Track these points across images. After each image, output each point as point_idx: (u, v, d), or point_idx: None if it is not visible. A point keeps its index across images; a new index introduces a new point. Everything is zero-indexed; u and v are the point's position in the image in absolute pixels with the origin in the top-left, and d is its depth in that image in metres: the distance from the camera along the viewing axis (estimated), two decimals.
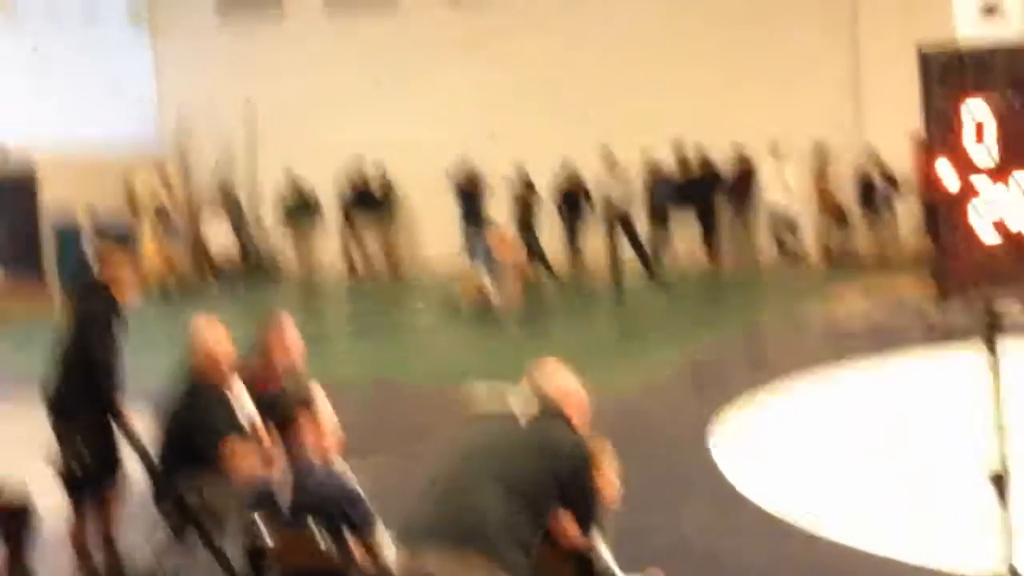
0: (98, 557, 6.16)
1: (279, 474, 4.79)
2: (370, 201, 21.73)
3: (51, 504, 6.00)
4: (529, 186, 19.97)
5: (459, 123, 21.31)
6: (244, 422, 5.82)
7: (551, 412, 4.38)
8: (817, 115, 18.94)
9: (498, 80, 21.28)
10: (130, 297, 6.14)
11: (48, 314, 17.63)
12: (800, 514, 6.69)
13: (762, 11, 19.34)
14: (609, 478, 4.52)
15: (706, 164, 19.35)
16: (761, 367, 11.68)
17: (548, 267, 15.77)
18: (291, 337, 6.30)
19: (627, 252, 18.23)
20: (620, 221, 17.84)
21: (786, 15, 19.16)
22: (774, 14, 19.23)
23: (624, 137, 18.93)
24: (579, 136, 19.98)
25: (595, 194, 19.08)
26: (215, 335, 5.84)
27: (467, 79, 21.44)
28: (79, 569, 6.09)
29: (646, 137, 18.85)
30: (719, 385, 10.90)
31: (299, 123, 22.32)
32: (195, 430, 5.65)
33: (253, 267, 22.24)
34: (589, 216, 19.41)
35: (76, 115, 21.82)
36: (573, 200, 19.60)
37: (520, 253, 16.05)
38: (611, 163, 18.34)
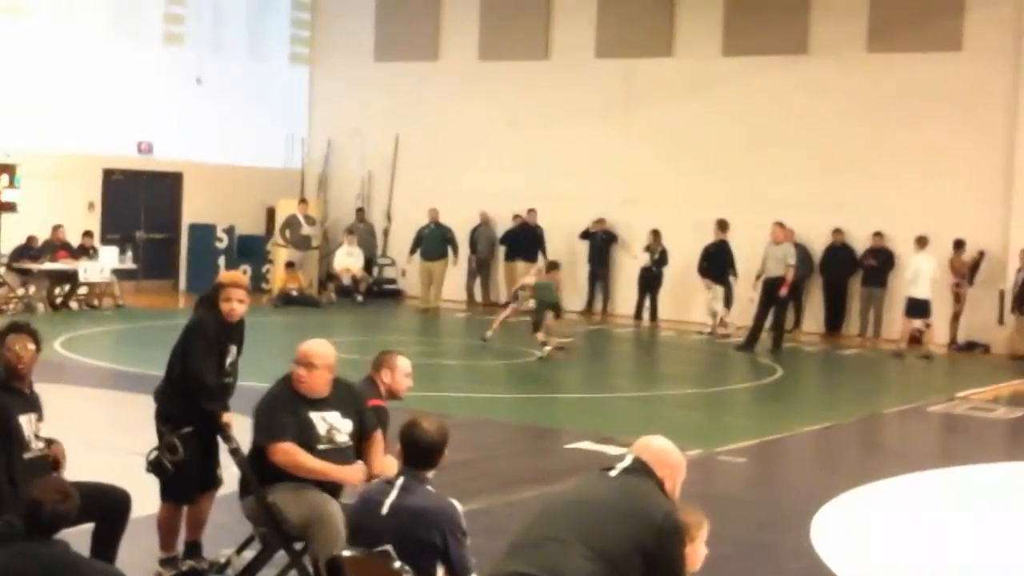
0: (182, 553, 6.22)
1: (365, 487, 4.75)
2: (516, 242, 21.87)
3: (148, 492, 6.07)
4: (659, 255, 20.55)
5: (594, 181, 21.31)
6: (329, 443, 5.71)
7: (642, 469, 4.22)
8: (965, 213, 18.68)
9: (639, 145, 21.21)
10: (233, 313, 6.13)
11: (175, 313, 18.14)
12: None
13: (920, 108, 19.14)
14: (699, 551, 4.34)
15: (846, 247, 19.77)
16: (879, 455, 11.33)
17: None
18: (403, 373, 6.31)
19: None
20: (769, 289, 17.53)
21: (943, 115, 18.95)
22: (931, 112, 19.05)
23: (763, 215, 18.59)
24: (715, 208, 19.74)
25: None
26: (320, 351, 5.79)
27: (608, 138, 21.45)
28: (162, 563, 6.13)
29: (785, 215, 18.38)
30: (832, 467, 10.63)
31: (439, 161, 22.62)
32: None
33: (375, 291, 22.53)
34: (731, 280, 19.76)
35: (229, 139, 22.62)
36: (719, 264, 19.79)
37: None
38: (784, 233, 17.87)
